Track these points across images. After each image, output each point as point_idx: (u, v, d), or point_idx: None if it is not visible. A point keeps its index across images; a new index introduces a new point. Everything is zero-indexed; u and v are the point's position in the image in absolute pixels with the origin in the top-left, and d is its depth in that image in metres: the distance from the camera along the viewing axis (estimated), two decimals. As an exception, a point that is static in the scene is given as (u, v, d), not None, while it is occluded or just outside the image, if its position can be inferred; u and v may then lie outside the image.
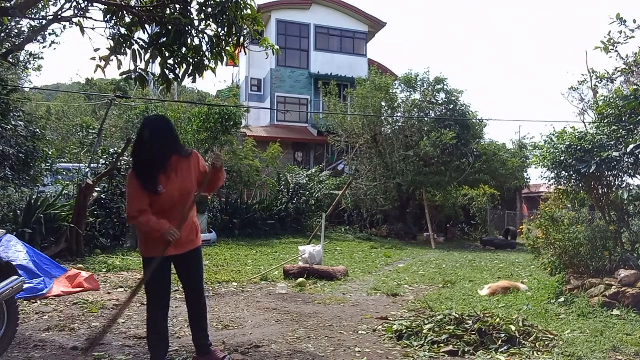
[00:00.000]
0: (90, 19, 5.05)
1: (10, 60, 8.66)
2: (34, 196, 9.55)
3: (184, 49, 4.69)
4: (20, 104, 10.59)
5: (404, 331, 4.42)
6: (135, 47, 4.66)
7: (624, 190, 5.84)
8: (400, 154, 16.87)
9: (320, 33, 25.89)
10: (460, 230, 20.05)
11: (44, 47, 11.95)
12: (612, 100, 6.36)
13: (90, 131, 17.29)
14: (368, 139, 17.78)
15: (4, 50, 8.55)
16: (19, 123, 9.51)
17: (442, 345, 4.07)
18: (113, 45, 4.69)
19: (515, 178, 20.89)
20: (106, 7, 4.75)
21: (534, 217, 11.12)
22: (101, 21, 4.86)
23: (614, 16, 7.07)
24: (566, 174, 6.51)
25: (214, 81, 75.22)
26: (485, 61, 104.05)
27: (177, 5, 4.64)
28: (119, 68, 4.72)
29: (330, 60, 25.60)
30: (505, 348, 4.00)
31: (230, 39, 4.74)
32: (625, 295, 5.33)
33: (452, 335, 4.19)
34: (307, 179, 16.50)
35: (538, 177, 9.11)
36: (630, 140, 5.82)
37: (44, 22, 7.45)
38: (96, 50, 4.69)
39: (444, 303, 5.96)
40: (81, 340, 4.12)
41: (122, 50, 4.68)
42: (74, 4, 5.06)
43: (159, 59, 4.68)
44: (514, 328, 4.24)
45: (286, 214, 15.35)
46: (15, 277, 3.51)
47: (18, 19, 8.91)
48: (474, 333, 4.19)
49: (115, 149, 11.83)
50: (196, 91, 31.85)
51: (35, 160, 9.98)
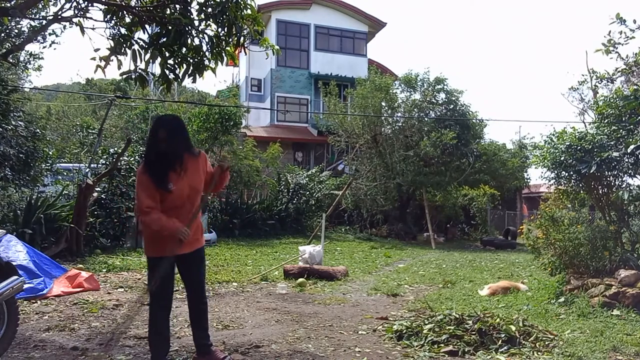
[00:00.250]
0: (90, 19, 5.05)
1: (10, 60, 8.66)
2: (34, 196, 9.55)
3: (184, 49, 4.69)
4: (20, 104, 10.59)
5: (404, 331, 4.42)
6: (135, 47, 4.66)
7: (624, 190, 5.84)
8: (400, 154, 16.88)
9: (320, 33, 25.89)
10: (460, 230, 20.05)
11: (44, 47, 11.96)
12: (612, 100, 6.36)
13: (90, 131, 17.27)
14: (368, 139, 17.78)
15: (4, 50, 8.55)
16: (19, 123, 9.50)
17: (442, 345, 4.07)
18: (113, 45, 4.69)
19: (515, 178, 20.89)
20: (106, 7, 4.75)
21: (534, 217, 11.12)
22: (101, 21, 4.86)
23: (614, 16, 7.07)
24: (566, 174, 6.51)
25: (214, 81, 75.24)
26: (485, 61, 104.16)
27: (177, 5, 4.64)
28: (119, 68, 4.72)
29: (330, 60, 25.60)
30: (505, 348, 4.00)
31: (230, 39, 4.74)
32: (625, 295, 5.33)
33: (452, 335, 4.19)
34: (307, 179, 16.50)
35: (538, 177, 9.11)
36: (630, 140, 5.82)
37: (44, 22, 7.45)
38: (96, 50, 4.70)
39: (444, 303, 5.96)
40: (81, 340, 4.12)
41: (122, 50, 4.68)
42: (74, 4, 5.06)
43: (159, 59, 4.69)
44: (514, 328, 4.24)
45: (286, 214, 15.36)
46: (15, 277, 3.52)
47: (18, 19, 8.91)
48: (474, 333, 4.19)
49: (115, 149, 11.83)
50: (196, 91, 31.83)
51: (35, 160, 9.98)
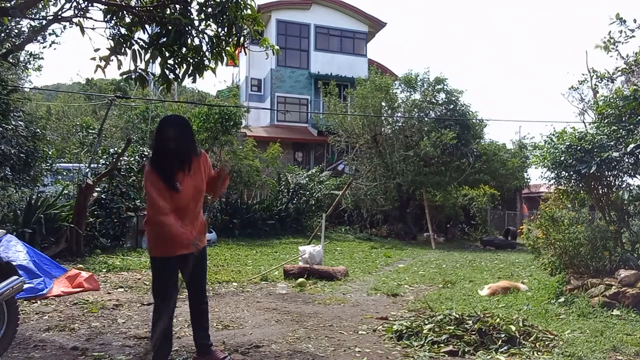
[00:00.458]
0: (90, 19, 5.05)
1: (10, 60, 8.66)
2: (34, 196, 9.54)
3: (184, 49, 4.68)
4: (20, 104, 10.59)
5: (404, 331, 4.42)
6: (135, 47, 4.66)
7: (624, 190, 5.84)
8: (400, 154, 16.88)
9: (320, 33, 25.90)
10: (460, 230, 20.06)
11: (44, 47, 11.97)
12: (612, 100, 6.36)
13: (90, 131, 17.27)
14: (368, 139, 17.79)
15: (4, 50, 8.55)
16: (19, 123, 9.51)
17: (442, 345, 4.07)
18: (113, 45, 4.69)
19: (515, 178, 20.89)
20: (106, 7, 4.75)
21: (534, 217, 11.12)
22: (101, 21, 4.86)
23: (614, 16, 7.08)
24: (566, 174, 6.51)
25: (214, 81, 75.23)
26: (485, 61, 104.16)
27: (177, 5, 4.64)
28: (119, 68, 4.71)
29: (330, 60, 25.61)
30: (505, 348, 4.00)
31: (230, 39, 4.74)
32: (625, 295, 5.33)
33: (452, 335, 4.19)
34: (307, 179, 16.50)
35: (538, 177, 9.12)
36: (630, 140, 5.82)
37: (44, 22, 7.45)
38: (96, 50, 4.69)
39: (444, 303, 5.96)
40: (81, 340, 4.12)
41: (122, 50, 4.68)
42: (74, 4, 5.06)
43: (159, 59, 4.68)
44: (514, 328, 4.24)
45: (286, 214, 15.36)
46: (15, 277, 3.52)
47: (18, 19, 8.91)
48: (474, 333, 4.19)
49: (115, 149, 11.83)
50: (196, 91, 31.84)
51: (35, 160, 9.98)
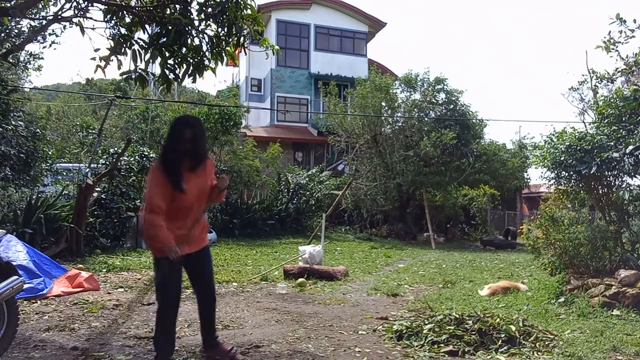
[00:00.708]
0: (90, 19, 5.05)
1: (10, 60, 8.66)
2: (34, 196, 9.54)
3: (184, 49, 4.69)
4: (20, 104, 10.59)
5: (404, 331, 4.42)
6: (135, 47, 4.66)
7: (624, 190, 5.83)
8: (400, 154, 16.88)
9: (320, 33, 25.89)
10: (460, 230, 20.05)
11: (44, 47, 11.97)
12: (612, 101, 6.36)
13: (90, 131, 17.27)
14: (368, 139, 17.79)
15: (4, 50, 8.55)
16: (19, 123, 9.50)
17: (442, 345, 4.07)
18: (113, 45, 4.69)
19: (515, 178, 20.89)
20: (106, 7, 4.75)
21: (534, 217, 11.12)
22: (101, 21, 4.86)
23: (614, 16, 7.07)
24: (566, 174, 6.51)
25: (214, 81, 75.26)
26: (485, 61, 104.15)
27: (177, 5, 4.64)
28: (119, 68, 4.72)
29: (330, 60, 25.60)
30: (505, 348, 4.00)
31: (230, 39, 4.74)
32: (625, 295, 5.32)
33: (452, 335, 4.19)
34: (307, 179, 16.50)
35: (538, 177, 9.12)
36: (631, 140, 5.82)
37: (44, 22, 7.46)
38: (96, 50, 4.69)
39: (444, 303, 5.96)
40: (81, 340, 4.12)
41: (122, 50, 4.68)
42: (74, 4, 5.06)
43: (159, 59, 4.69)
44: (514, 328, 4.24)
45: (286, 214, 15.35)
46: (15, 277, 3.51)
47: (18, 19, 8.91)
48: (474, 333, 4.19)
49: (115, 149, 11.82)
50: (196, 91, 31.85)
51: (35, 160, 9.97)
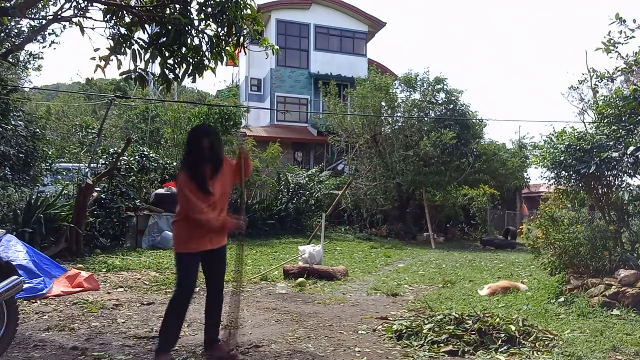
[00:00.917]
0: (90, 19, 5.05)
1: (10, 60, 8.66)
2: (34, 196, 9.54)
3: (184, 49, 4.69)
4: (20, 104, 10.58)
5: (404, 331, 4.42)
6: (135, 47, 4.66)
7: (624, 190, 5.83)
8: (400, 154, 16.87)
9: (320, 33, 25.89)
10: (460, 230, 20.04)
11: (44, 47, 11.95)
12: (612, 100, 6.36)
13: (90, 131, 17.28)
14: (368, 139, 17.78)
15: (4, 50, 8.55)
16: (19, 123, 9.49)
17: (442, 345, 4.08)
18: (113, 45, 4.69)
19: (515, 178, 20.87)
20: (106, 7, 4.75)
21: (534, 217, 11.12)
22: (101, 21, 4.86)
23: (614, 16, 7.07)
24: (566, 174, 6.51)
25: (214, 81, 75.28)
26: (485, 61, 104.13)
27: (177, 5, 4.64)
28: (119, 68, 4.72)
29: (330, 60, 25.60)
30: (505, 348, 4.00)
31: (230, 39, 4.74)
32: (625, 295, 5.33)
33: (452, 335, 4.19)
34: (307, 179, 16.48)
35: (538, 177, 9.12)
36: (631, 140, 5.82)
37: (44, 22, 7.45)
38: (96, 50, 4.69)
39: (444, 303, 5.96)
40: (81, 340, 4.12)
41: (122, 50, 4.68)
42: (74, 4, 5.06)
43: (159, 59, 4.69)
44: (514, 328, 4.24)
45: (286, 214, 15.35)
46: (15, 277, 3.51)
47: (18, 19, 8.91)
48: (474, 333, 4.19)
49: (115, 149, 11.82)
50: (196, 91, 31.86)
51: (35, 160, 9.96)
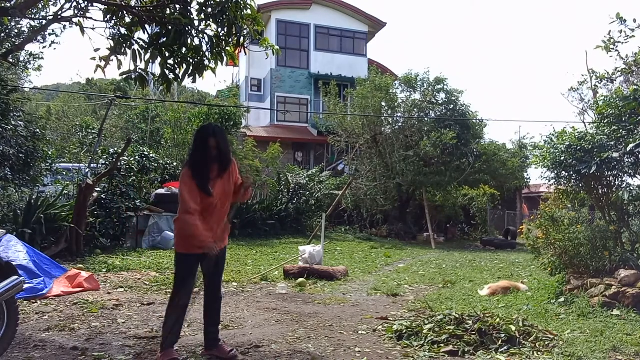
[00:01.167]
0: (90, 19, 5.05)
1: (10, 60, 8.66)
2: (34, 196, 9.54)
3: (184, 49, 4.69)
4: (20, 104, 10.58)
5: (404, 331, 4.42)
6: (135, 47, 4.66)
7: (624, 190, 5.83)
8: (400, 154, 16.86)
9: (320, 33, 25.89)
10: (460, 230, 20.04)
11: (44, 47, 11.93)
12: (612, 100, 6.35)
13: (90, 131, 17.29)
14: (368, 139, 17.78)
15: (4, 50, 8.55)
16: (19, 123, 9.49)
17: (442, 345, 4.07)
18: (113, 45, 4.69)
19: (515, 178, 20.86)
20: (106, 7, 4.75)
21: (534, 217, 11.12)
22: (101, 21, 4.86)
23: (614, 16, 7.08)
24: (566, 174, 6.51)
25: (214, 81, 75.35)
26: (485, 61, 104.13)
27: (177, 5, 4.64)
28: (119, 68, 4.72)
29: (330, 60, 25.59)
30: (505, 348, 4.00)
31: (230, 39, 4.74)
32: (625, 295, 5.33)
33: (452, 335, 4.19)
34: (307, 179, 16.48)
35: (538, 177, 9.11)
36: (630, 140, 5.82)
37: (44, 22, 7.45)
38: (96, 50, 4.69)
39: (444, 303, 5.96)
40: (81, 340, 4.12)
41: (122, 50, 4.68)
42: (74, 4, 5.06)
43: (159, 59, 4.68)
44: (514, 328, 4.24)
45: (286, 214, 15.34)
46: (15, 277, 3.51)
47: (18, 19, 8.91)
48: (474, 333, 4.19)
49: (115, 149, 11.82)
50: (196, 91, 31.85)
51: (35, 160, 9.96)
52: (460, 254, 13.33)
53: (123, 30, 4.79)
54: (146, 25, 4.76)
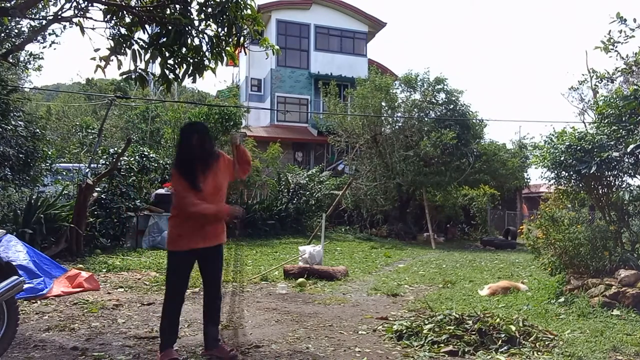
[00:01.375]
0: (90, 19, 5.06)
1: (10, 60, 8.65)
2: (34, 196, 9.54)
3: (184, 49, 4.69)
4: (20, 104, 10.58)
5: (404, 331, 4.42)
6: (135, 47, 4.67)
7: (624, 191, 5.83)
8: (400, 154, 16.87)
9: (320, 33, 25.89)
10: (460, 230, 20.04)
11: (44, 47, 11.92)
12: (612, 100, 6.35)
13: (90, 131, 17.28)
14: (368, 139, 17.78)
15: (4, 50, 8.55)
16: (19, 123, 9.49)
17: (442, 345, 4.07)
18: (113, 45, 4.69)
19: (515, 178, 20.86)
20: (106, 7, 4.75)
21: (534, 217, 11.11)
22: (101, 21, 4.86)
23: (614, 15, 7.07)
24: (566, 174, 6.51)
25: (214, 81, 75.34)
26: (485, 61, 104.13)
27: (177, 5, 4.65)
28: (119, 68, 4.72)
29: (330, 60, 25.59)
30: (505, 348, 4.00)
31: (230, 39, 4.75)
32: (625, 295, 5.33)
33: (452, 335, 4.19)
34: (307, 179, 16.48)
35: (538, 177, 9.11)
36: (630, 140, 5.82)
37: (44, 22, 7.45)
38: (96, 50, 4.70)
39: (444, 303, 5.96)
40: (81, 340, 4.12)
41: (122, 50, 4.69)
42: (74, 4, 5.07)
43: (159, 59, 4.69)
44: (514, 328, 4.24)
45: (286, 214, 15.34)
46: (15, 277, 3.51)
47: (18, 19, 8.91)
48: (474, 333, 4.19)
49: (115, 149, 11.82)
50: (196, 91, 31.85)
51: (35, 160, 9.96)
52: (460, 254, 13.33)
53: (123, 30, 4.79)
54: (146, 25, 4.77)
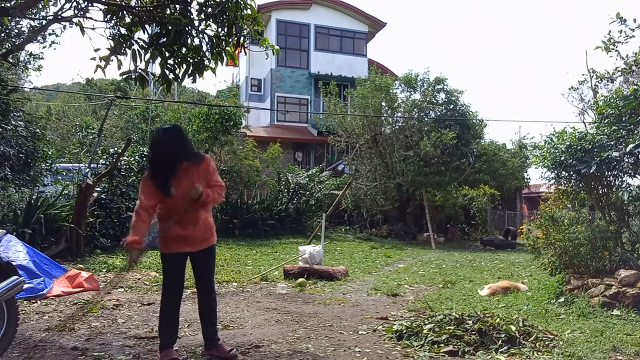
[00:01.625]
0: (90, 19, 5.06)
1: (10, 60, 8.66)
2: (34, 196, 9.53)
3: (184, 49, 4.69)
4: (20, 104, 10.58)
5: (404, 331, 4.42)
6: (135, 47, 4.67)
7: (624, 191, 5.83)
8: (400, 154, 16.87)
9: (320, 33, 25.89)
10: (460, 230, 20.04)
11: (44, 47, 11.94)
12: (612, 100, 6.35)
13: (90, 131, 17.27)
14: (368, 139, 17.78)
15: (4, 50, 8.55)
16: (19, 123, 9.49)
17: (442, 345, 4.07)
18: (113, 45, 4.70)
19: (515, 178, 20.87)
20: (106, 7, 4.76)
21: (534, 217, 11.11)
22: (101, 21, 4.87)
23: (614, 15, 7.08)
24: (566, 174, 6.51)
25: (214, 81, 75.41)
26: (485, 61, 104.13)
27: (177, 5, 4.65)
28: (119, 68, 4.73)
29: (330, 60, 25.59)
30: (505, 348, 4.00)
31: (230, 39, 4.75)
32: (625, 295, 5.32)
33: (452, 335, 4.19)
34: (307, 179, 16.48)
35: (538, 177, 9.11)
36: (630, 140, 5.82)
37: (44, 22, 7.46)
38: (96, 50, 4.70)
39: (444, 303, 5.96)
40: (81, 340, 4.12)
41: (122, 50, 4.69)
42: (74, 4, 5.07)
43: (159, 59, 4.69)
44: (514, 328, 4.24)
45: (286, 214, 15.34)
46: (15, 277, 3.52)
47: (18, 19, 8.91)
48: (474, 333, 4.19)
49: (115, 149, 11.82)
50: (196, 91, 31.87)
51: (35, 160, 9.97)
52: (460, 254, 13.33)
53: (123, 30, 4.79)
54: (146, 25, 4.77)
